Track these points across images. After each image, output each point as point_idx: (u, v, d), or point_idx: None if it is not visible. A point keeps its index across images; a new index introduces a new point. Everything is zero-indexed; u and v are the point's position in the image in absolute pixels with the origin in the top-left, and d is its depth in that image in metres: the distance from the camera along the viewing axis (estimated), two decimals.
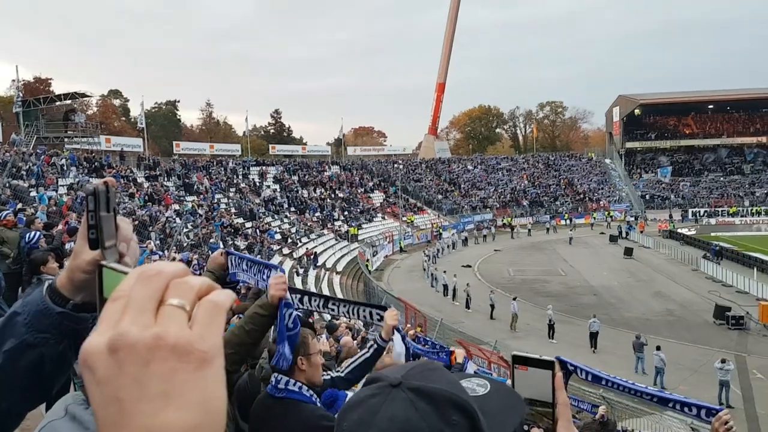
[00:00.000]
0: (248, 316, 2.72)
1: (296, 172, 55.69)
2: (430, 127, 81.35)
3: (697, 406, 4.10)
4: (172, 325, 0.54)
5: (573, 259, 41.67)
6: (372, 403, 0.83)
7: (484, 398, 0.99)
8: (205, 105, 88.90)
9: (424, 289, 33.45)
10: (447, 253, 45.29)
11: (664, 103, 75.79)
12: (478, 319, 27.04)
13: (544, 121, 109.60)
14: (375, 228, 49.24)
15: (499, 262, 41.70)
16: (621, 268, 38.19)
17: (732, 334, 23.81)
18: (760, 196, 63.92)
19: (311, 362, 2.86)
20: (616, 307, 28.42)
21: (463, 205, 62.43)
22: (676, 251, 42.28)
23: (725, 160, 73.78)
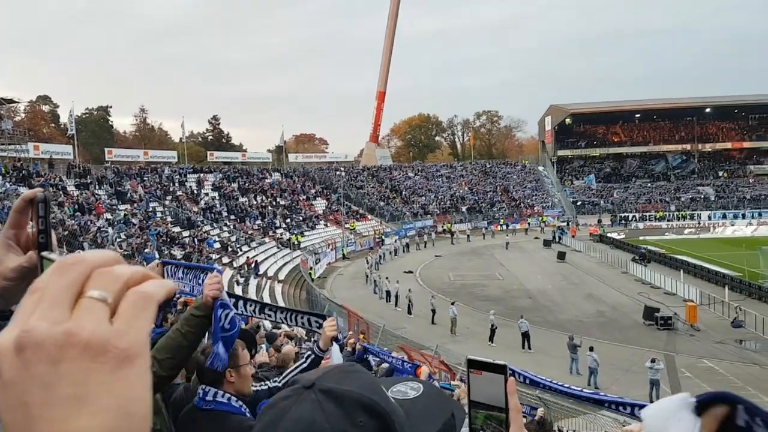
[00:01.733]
0: (184, 319, 2.61)
1: (236, 180, 54.66)
2: (372, 134, 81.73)
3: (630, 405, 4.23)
4: (88, 320, 0.48)
5: (509, 263, 42.62)
6: (283, 405, 0.83)
7: (414, 401, 0.99)
8: (139, 111, 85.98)
9: (367, 296, 33.40)
10: (389, 260, 45.43)
11: (593, 113, 79.00)
12: (420, 325, 27.18)
13: (481, 130, 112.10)
14: (317, 235, 48.86)
15: (439, 268, 42.16)
16: (555, 272, 39.32)
17: (661, 334, 24.78)
18: (685, 201, 67.36)
19: (240, 374, 2.79)
20: (550, 310, 29.17)
21: (405, 212, 62.91)
22: (606, 255, 43.90)
23: (652, 167, 77.37)
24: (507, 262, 42.96)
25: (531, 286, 34.79)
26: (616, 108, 79.38)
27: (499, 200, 69.46)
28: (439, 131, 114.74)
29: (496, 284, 36.06)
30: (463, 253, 48.81)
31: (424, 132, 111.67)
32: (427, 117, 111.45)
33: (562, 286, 34.85)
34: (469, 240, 54.87)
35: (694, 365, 21.07)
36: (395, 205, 64.43)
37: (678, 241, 50.81)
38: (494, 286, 35.65)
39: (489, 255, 47.00)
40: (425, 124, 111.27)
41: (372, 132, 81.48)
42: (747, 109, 78.65)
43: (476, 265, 43.15)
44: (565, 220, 64.16)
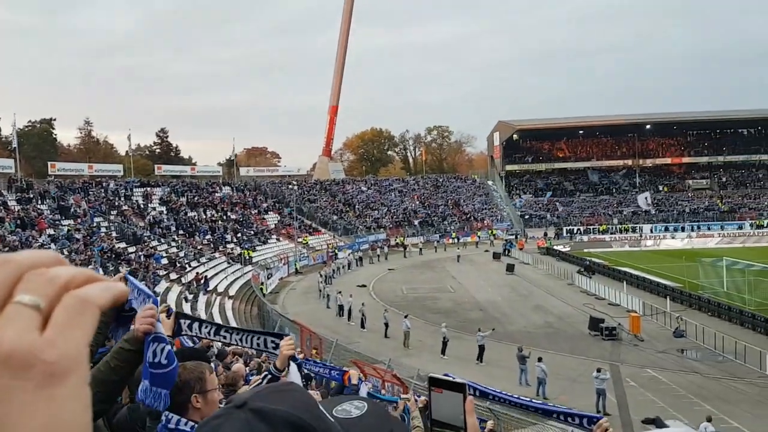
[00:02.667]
0: (114, 351, 2.46)
1: (185, 194, 53.55)
2: (324, 148, 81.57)
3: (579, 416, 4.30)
4: (12, 329, 0.40)
5: (461, 276, 43.10)
6: (213, 424, 0.83)
7: (356, 420, 1.00)
8: (84, 123, 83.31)
9: (320, 311, 33.12)
10: (343, 274, 45.25)
11: (539, 129, 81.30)
12: (373, 339, 27.09)
13: (432, 145, 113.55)
14: (269, 250, 48.30)
15: (392, 281, 42.25)
16: (504, 284, 39.98)
17: (606, 345, 25.42)
18: (627, 215, 69.75)
19: (207, 399, 2.64)
20: (500, 321, 29.57)
21: (358, 226, 62.91)
22: (553, 267, 44.94)
23: (595, 181, 79.89)
24: (458, 275, 43.44)
25: (482, 299, 35.23)
26: (560, 125, 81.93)
27: (451, 214, 70.33)
28: (392, 146, 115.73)
29: (448, 297, 36.35)
30: (416, 266, 49.09)
31: (377, 146, 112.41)
32: (380, 131, 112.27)
33: (511, 298, 35.43)
34: (421, 253, 55.25)
35: (638, 375, 21.69)
36: (348, 219, 64.36)
37: (621, 253, 52.49)
38: (446, 298, 35.93)
39: (441, 268, 47.42)
40: (378, 139, 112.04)
41: (325, 146, 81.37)
42: (685, 126, 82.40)
43: (429, 278, 43.46)
44: (514, 233, 65.45)
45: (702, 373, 21.72)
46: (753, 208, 68.75)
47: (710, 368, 22.17)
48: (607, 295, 34.09)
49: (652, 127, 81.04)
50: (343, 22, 76.81)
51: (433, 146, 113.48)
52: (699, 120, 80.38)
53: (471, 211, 71.46)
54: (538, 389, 19.48)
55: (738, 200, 71.50)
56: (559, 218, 69.87)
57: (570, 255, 49.87)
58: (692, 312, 29.51)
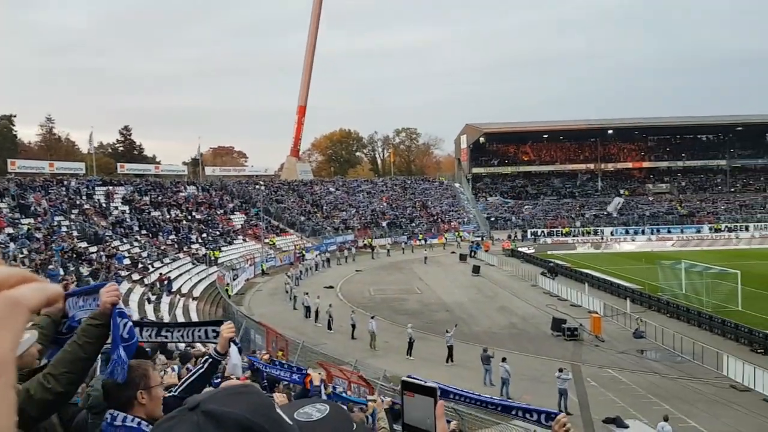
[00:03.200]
0: (81, 330, 2.46)
1: (148, 193, 52.58)
2: (292, 149, 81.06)
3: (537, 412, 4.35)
4: None
5: (428, 277, 43.33)
6: (166, 426, 0.83)
7: (317, 423, 1.00)
8: (45, 120, 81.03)
9: (287, 312, 32.89)
10: (310, 275, 45.02)
11: (505, 132, 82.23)
12: (340, 340, 27.02)
13: (401, 147, 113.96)
14: (235, 250, 47.78)
15: (360, 282, 42.22)
16: (470, 285, 40.35)
17: (568, 345, 25.85)
18: (589, 218, 71.05)
19: (152, 395, 2.67)
20: (466, 322, 29.80)
21: (326, 227, 62.68)
22: (517, 268, 45.53)
23: (558, 184, 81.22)
24: (425, 277, 43.65)
25: (448, 300, 35.46)
26: (525, 128, 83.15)
27: (418, 215, 70.62)
28: (360, 147, 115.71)
29: (415, 298, 36.49)
30: (384, 267, 49.16)
31: (345, 147, 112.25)
32: (348, 132, 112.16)
33: (477, 299, 35.75)
34: (389, 255, 55.33)
35: (598, 374, 22.10)
36: (316, 220, 64.08)
37: (583, 255, 53.49)
38: (413, 300, 36.06)
39: (408, 269, 47.60)
40: (346, 140, 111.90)
41: (293, 146, 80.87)
42: (646, 131, 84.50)
43: (396, 279, 43.56)
44: (480, 235, 66.08)
45: (661, 373, 22.24)
46: (711, 212, 70.76)
47: (669, 368, 22.72)
48: (569, 296, 34.67)
49: (614, 132, 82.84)
50: (311, 23, 76.54)
51: (401, 148, 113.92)
52: (659, 125, 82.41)
53: (438, 212, 71.90)
54: (502, 389, 19.68)
55: (697, 204, 73.45)
56: (524, 221, 70.80)
57: (534, 257, 50.60)
58: (652, 313, 30.24)
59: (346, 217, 66.95)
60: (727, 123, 79.18)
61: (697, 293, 32.20)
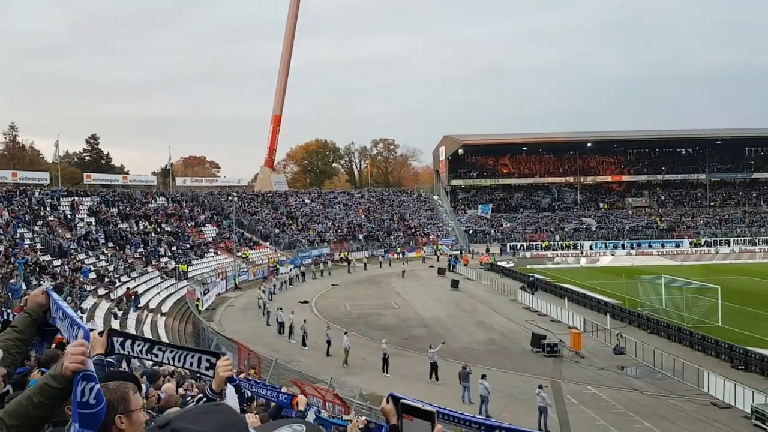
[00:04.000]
0: (38, 387, 2.31)
1: (116, 204, 51.90)
2: (267, 159, 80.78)
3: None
4: None
5: (405, 292, 43.30)
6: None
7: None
8: (9, 128, 79.53)
9: (260, 328, 32.55)
10: (284, 289, 44.70)
11: (484, 144, 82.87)
12: (315, 357, 26.79)
13: (378, 158, 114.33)
14: (206, 264, 47.32)
15: (336, 297, 42.00)
16: (448, 300, 40.41)
17: (548, 361, 25.94)
18: (568, 232, 71.83)
19: (132, 420, 2.53)
20: (444, 338, 29.66)
21: (301, 240, 62.39)
22: (496, 283, 45.72)
23: (538, 198, 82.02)
24: (403, 291, 43.62)
25: (426, 315, 35.43)
26: (504, 140, 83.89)
27: (396, 228, 70.70)
28: (337, 158, 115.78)
29: (392, 313, 36.40)
30: (360, 282, 49.03)
31: (321, 158, 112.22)
32: (324, 143, 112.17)
33: (455, 314, 35.80)
34: (366, 268, 55.22)
35: (579, 392, 22.19)
36: (291, 233, 63.76)
37: (563, 269, 53.99)
38: (390, 315, 35.97)
39: (386, 284, 47.53)
40: (322, 150, 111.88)
41: (267, 156, 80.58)
42: (625, 144, 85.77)
43: (373, 294, 43.45)
44: (459, 248, 66.35)
45: (641, 390, 22.41)
46: (690, 226, 72.10)
47: (649, 385, 22.91)
48: (549, 311, 34.88)
49: (593, 145, 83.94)
50: (287, 30, 76.64)
51: (378, 159, 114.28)
52: (638, 139, 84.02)
53: (416, 225, 72.08)
54: (481, 407, 19.65)
55: (676, 218, 74.78)
56: (503, 234, 71.31)
57: (513, 271, 50.91)
58: (632, 329, 30.53)
59: (321, 229, 66.75)
60: (706, 137, 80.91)
61: (678, 308, 32.63)
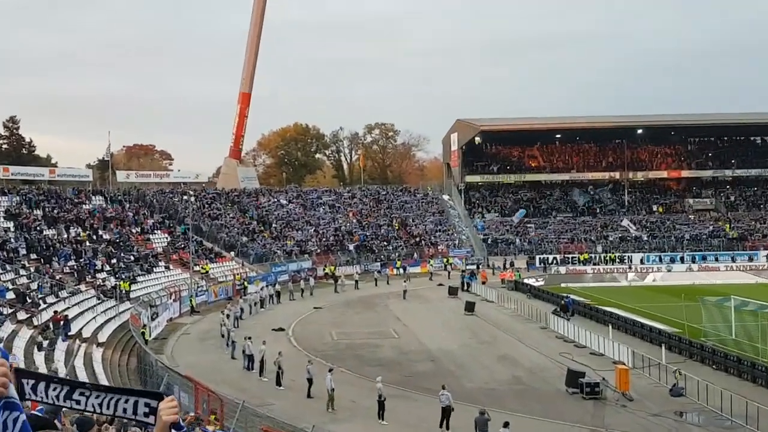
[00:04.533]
0: None
1: (40, 205, 51.86)
2: (232, 148, 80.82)
3: None
4: None
5: (407, 317, 43.31)
6: None
7: None
8: None
9: (222, 362, 32.56)
10: (254, 313, 44.69)
11: (507, 130, 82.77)
12: (293, 399, 26.79)
13: (373, 147, 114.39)
14: (155, 281, 47.35)
15: (319, 323, 42.02)
16: (462, 327, 40.45)
17: (587, 405, 25.89)
18: (613, 241, 71.80)
19: None
20: (456, 376, 29.77)
21: (275, 251, 62.36)
22: (522, 306, 45.73)
23: (575, 198, 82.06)
24: (404, 316, 43.63)
25: (433, 346, 35.44)
26: (533, 126, 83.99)
27: (396, 237, 70.77)
28: (321, 147, 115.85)
29: (390, 344, 36.42)
30: (350, 304, 49.06)
31: (302, 147, 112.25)
32: (306, 128, 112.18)
33: (470, 346, 35.82)
34: (357, 287, 55.21)
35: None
36: (263, 242, 63.73)
37: (606, 289, 53.98)
38: (388, 346, 35.99)
39: (382, 307, 47.58)
40: (303, 138, 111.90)
41: (233, 145, 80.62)
42: (685, 131, 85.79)
43: (366, 319, 43.49)
44: (475, 262, 66.39)
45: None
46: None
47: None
48: (588, 342, 34.86)
49: (644, 132, 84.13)
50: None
51: (374, 149, 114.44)
52: (703, 124, 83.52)
53: (422, 233, 72.15)
54: None
55: (750, 225, 74.84)
56: (531, 244, 71.37)
57: (544, 291, 50.92)
58: (693, 364, 30.51)
59: (301, 238, 66.76)
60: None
61: (751, 339, 32.59)
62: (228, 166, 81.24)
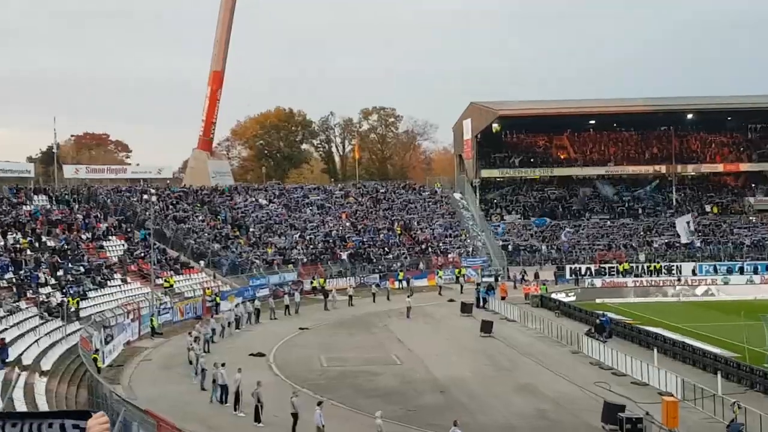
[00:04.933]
0: None
1: None
2: (202, 138, 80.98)
3: None
4: None
5: (412, 339, 43.23)
6: None
7: None
8: None
9: (190, 394, 32.46)
10: (228, 336, 44.60)
11: (530, 115, 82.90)
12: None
13: (371, 136, 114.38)
14: (110, 297, 47.31)
15: (307, 347, 41.96)
16: (477, 351, 40.41)
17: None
18: (659, 248, 71.78)
19: None
20: (468, 409, 29.69)
21: (253, 260, 62.31)
22: (549, 325, 45.62)
23: (613, 197, 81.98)
24: (408, 338, 43.58)
25: (442, 374, 35.39)
26: (562, 110, 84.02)
27: (398, 243, 70.78)
28: (308, 136, 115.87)
29: (392, 371, 36.36)
30: (343, 324, 49.09)
31: (285, 136, 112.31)
32: (290, 113, 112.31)
33: (486, 374, 35.76)
34: (351, 304, 55.35)
35: None
36: (238, 250, 63.67)
37: (650, 305, 53.88)
38: (389, 374, 35.93)
39: (382, 327, 47.63)
40: (286, 125, 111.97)
41: (202, 134, 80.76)
42: (745, 116, 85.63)
43: (362, 342, 43.45)
44: (493, 273, 66.29)
45: None
46: None
47: None
48: (629, 369, 34.80)
49: (696, 118, 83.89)
50: None
51: (371, 138, 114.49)
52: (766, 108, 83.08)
53: (429, 238, 72.18)
54: None
55: None
56: (560, 252, 71.34)
57: (575, 308, 50.88)
58: (755, 395, 30.41)
59: (285, 244, 66.76)
60: None
61: None
62: (197, 160, 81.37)
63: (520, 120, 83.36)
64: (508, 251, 71.46)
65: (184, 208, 68.59)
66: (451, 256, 69.69)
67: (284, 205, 74.66)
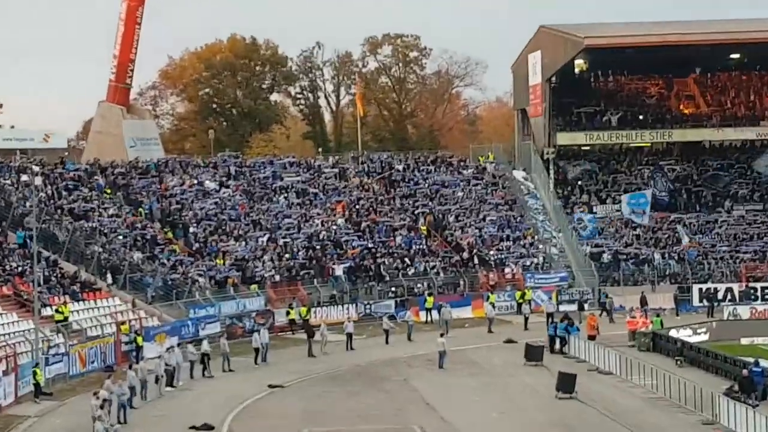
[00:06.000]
0: None
1: None
2: (113, 84, 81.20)
3: None
4: None
5: (448, 403, 43.24)
6: None
7: None
8: None
9: None
10: (156, 398, 44.80)
11: (635, 45, 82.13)
12: None
13: (381, 80, 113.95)
14: None
15: (280, 417, 41.88)
16: (550, 423, 40.21)
17: None
18: None
19: None
20: None
21: (195, 278, 62.48)
22: (667, 381, 45.64)
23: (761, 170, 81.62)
24: (442, 402, 43.60)
25: None
26: (684, 38, 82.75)
27: (425, 250, 70.78)
28: (282, 81, 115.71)
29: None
30: (339, 378, 49.32)
31: (245, 82, 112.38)
32: (252, 45, 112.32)
33: None
34: (351, 347, 55.68)
35: None
36: (172, 261, 63.86)
37: None
38: None
39: (400, 383, 47.79)
40: (246, 64, 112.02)
41: (114, 78, 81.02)
42: None
43: (368, 407, 43.40)
44: (578, 297, 66.16)
45: None
46: None
47: None
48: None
49: None
50: None
51: (382, 84, 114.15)
52: None
53: (474, 242, 72.18)
54: None
55: None
56: (684, 260, 71.12)
57: (708, 352, 50.79)
58: None
59: (245, 253, 66.84)
60: None
61: None
62: (105, 119, 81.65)
63: (619, 53, 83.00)
64: (600, 262, 71.39)
65: (86, 197, 68.72)
66: (510, 269, 69.72)
67: (244, 190, 74.81)
